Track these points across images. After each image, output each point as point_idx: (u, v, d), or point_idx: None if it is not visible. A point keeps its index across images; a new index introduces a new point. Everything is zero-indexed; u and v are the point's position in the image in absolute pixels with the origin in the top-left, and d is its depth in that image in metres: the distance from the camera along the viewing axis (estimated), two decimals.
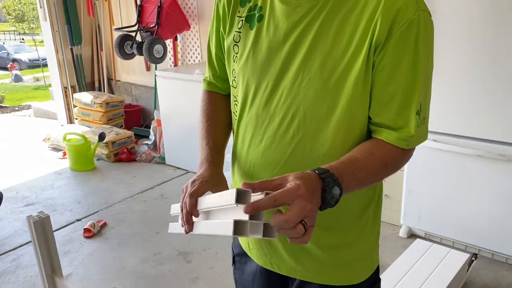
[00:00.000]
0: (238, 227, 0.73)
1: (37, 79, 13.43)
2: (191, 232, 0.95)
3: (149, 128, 4.34)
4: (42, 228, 1.95)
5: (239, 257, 1.16)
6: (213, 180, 0.98)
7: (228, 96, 1.10)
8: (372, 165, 0.82)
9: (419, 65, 0.81)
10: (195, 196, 0.92)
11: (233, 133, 1.05)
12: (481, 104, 2.22)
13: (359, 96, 0.84)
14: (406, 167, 2.55)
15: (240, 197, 0.73)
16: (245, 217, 0.72)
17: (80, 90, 5.06)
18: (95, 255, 2.62)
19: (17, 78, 13.69)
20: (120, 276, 2.40)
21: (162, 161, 4.01)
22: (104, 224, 2.95)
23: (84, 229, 2.83)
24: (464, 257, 2.20)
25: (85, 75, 5.15)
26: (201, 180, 0.97)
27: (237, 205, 0.72)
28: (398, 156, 0.86)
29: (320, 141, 0.87)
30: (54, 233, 2.90)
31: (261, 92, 0.92)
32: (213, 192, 0.93)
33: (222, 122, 1.10)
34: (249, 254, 1.11)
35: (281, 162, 0.91)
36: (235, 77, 0.99)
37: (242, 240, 1.12)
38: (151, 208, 3.20)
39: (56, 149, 4.45)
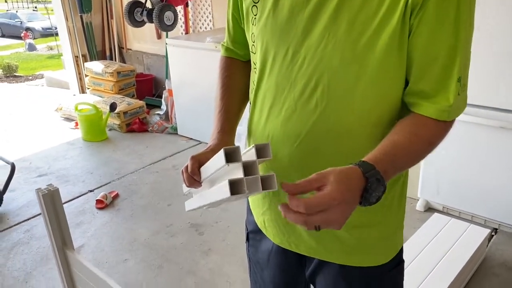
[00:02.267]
0: (235, 187, 0.71)
1: (51, 48, 13.38)
2: (198, 207, 0.91)
3: (161, 98, 4.28)
4: (51, 201, 1.93)
5: (254, 234, 1.11)
6: (219, 149, 0.94)
7: (248, 63, 1.03)
8: (417, 148, 0.76)
9: (461, 26, 0.73)
10: (195, 158, 0.88)
11: (250, 104, 0.98)
12: (504, 73, 2.09)
13: (391, 63, 0.75)
14: None
15: (230, 156, 0.71)
16: (240, 175, 0.69)
17: (92, 59, 4.99)
18: (107, 226, 2.61)
19: (31, 47, 13.66)
20: (132, 248, 2.39)
21: (174, 131, 3.96)
22: (116, 196, 2.94)
23: (97, 200, 2.83)
24: (484, 232, 2.13)
25: (96, 44, 5.07)
26: (206, 149, 0.93)
27: (228, 165, 0.71)
28: (441, 131, 0.78)
29: (345, 112, 0.80)
30: (67, 204, 2.91)
31: (281, 57, 0.84)
32: None
33: (237, 88, 1.04)
34: (264, 232, 1.05)
35: (302, 134, 0.83)
36: (254, 42, 0.91)
37: (257, 217, 1.06)
38: (163, 180, 3.17)
39: (68, 119, 4.43)
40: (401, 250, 0.99)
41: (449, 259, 1.93)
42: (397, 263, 0.98)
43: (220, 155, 0.73)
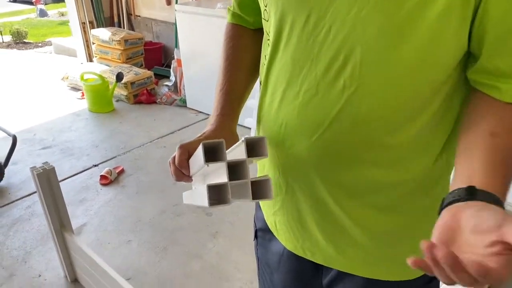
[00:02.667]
0: (217, 194, 0.56)
1: (62, 14, 13.14)
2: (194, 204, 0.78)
3: (171, 68, 4.09)
4: (47, 181, 1.79)
5: (263, 232, 0.96)
6: (218, 135, 0.78)
7: (259, 32, 0.84)
8: None
9: None
10: (183, 148, 0.75)
11: (261, 84, 0.80)
12: None
13: (446, 35, 0.56)
14: None
15: (211, 154, 0.57)
16: (223, 178, 0.56)
17: (99, 26, 4.79)
18: (111, 204, 2.49)
19: (42, 13, 13.42)
20: (136, 228, 2.27)
21: (183, 104, 3.79)
22: (122, 171, 2.81)
23: (101, 176, 2.70)
24: None
25: (103, 10, 4.85)
26: (200, 135, 0.79)
27: (207, 165, 0.57)
28: None
29: (380, 98, 0.62)
30: (70, 179, 2.79)
31: (301, 26, 0.65)
32: None
33: (244, 63, 0.86)
34: (275, 235, 0.90)
35: (324, 124, 0.66)
36: (266, 6, 0.72)
37: (267, 216, 0.90)
38: (170, 155, 3.01)
39: (75, 88, 4.28)
40: None
41: None
42: (431, 278, 0.81)
43: (200, 151, 0.58)
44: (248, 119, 2.92)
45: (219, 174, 0.60)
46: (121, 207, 2.46)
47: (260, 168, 0.89)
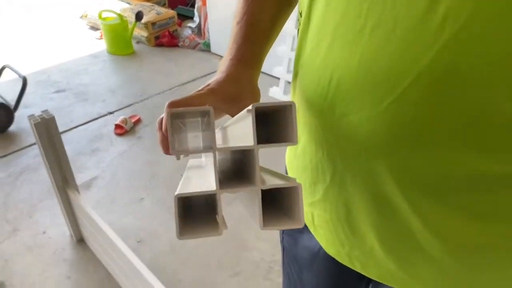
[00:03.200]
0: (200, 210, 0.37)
1: None
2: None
3: (195, 7, 3.75)
4: (46, 131, 1.58)
5: None
6: (228, 89, 0.52)
7: None
8: None
9: None
10: (172, 105, 0.48)
11: (300, 17, 0.53)
12: None
13: None
14: None
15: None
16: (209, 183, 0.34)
17: None
18: (125, 156, 2.30)
19: None
20: (151, 185, 2.08)
21: (207, 48, 3.49)
22: (138, 120, 2.59)
23: (116, 125, 2.49)
24: None
25: None
26: (201, 89, 0.52)
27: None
28: None
29: (504, 39, 0.34)
30: (83, 126, 2.59)
31: None
32: (231, 114, 0.52)
33: None
34: (311, 230, 0.65)
35: (404, 81, 0.39)
36: None
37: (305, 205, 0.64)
38: None
39: (94, 28, 4.02)
40: None
41: None
42: None
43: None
44: (277, 67, 2.59)
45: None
46: (135, 161, 2.26)
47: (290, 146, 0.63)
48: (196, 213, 0.43)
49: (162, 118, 0.51)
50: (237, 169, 0.43)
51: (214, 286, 1.56)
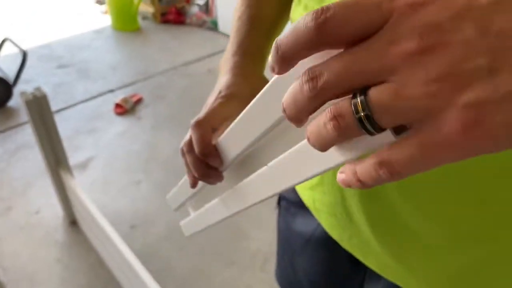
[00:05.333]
0: None
1: None
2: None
3: None
4: (38, 110, 1.51)
5: (287, 203, 0.68)
6: (243, 91, 0.49)
7: None
8: None
9: None
10: (203, 125, 0.45)
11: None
12: None
13: None
14: None
15: None
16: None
17: None
18: (123, 137, 2.23)
19: None
20: (149, 168, 2.02)
21: (214, 26, 3.39)
22: (139, 100, 2.52)
23: (116, 104, 2.43)
24: None
25: None
26: (214, 103, 0.48)
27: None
28: None
29: None
30: (82, 104, 2.53)
31: None
32: None
33: None
34: (315, 215, 0.60)
35: None
36: None
37: (302, 190, 0.59)
38: (195, 86, 2.70)
39: (100, 1, 3.92)
40: None
41: None
42: None
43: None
44: None
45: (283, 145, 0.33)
46: (134, 142, 2.20)
47: None
48: None
49: (188, 141, 0.47)
50: None
51: (207, 275, 1.51)
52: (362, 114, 0.20)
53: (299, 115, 0.23)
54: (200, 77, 2.80)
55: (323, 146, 0.23)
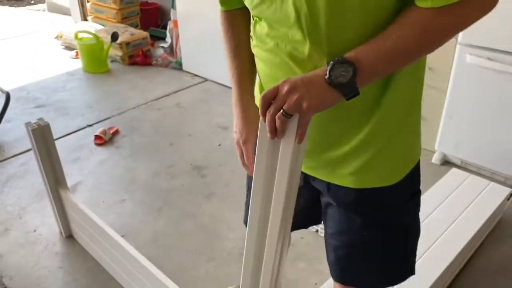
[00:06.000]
0: None
1: None
2: None
3: (167, 29, 4.01)
4: (42, 137, 1.78)
5: None
6: (251, 114, 0.94)
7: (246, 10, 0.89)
8: (405, 32, 0.67)
9: None
10: (249, 140, 0.95)
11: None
12: None
13: None
14: (449, 89, 2.24)
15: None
16: None
17: None
18: (105, 164, 2.50)
19: None
20: (131, 188, 2.29)
21: (179, 66, 3.75)
22: (116, 132, 2.80)
23: (95, 136, 2.69)
24: (504, 191, 1.99)
25: None
26: (239, 125, 0.96)
27: None
28: (440, 18, 0.65)
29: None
30: (64, 138, 2.78)
31: None
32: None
33: (244, 45, 0.95)
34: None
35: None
36: None
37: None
38: (166, 117, 3.02)
39: (69, 47, 4.20)
40: (417, 178, 0.93)
41: (466, 217, 1.81)
42: (413, 193, 0.92)
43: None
44: None
45: None
46: (115, 167, 2.46)
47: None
48: None
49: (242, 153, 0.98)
50: None
51: (192, 269, 1.78)
52: (284, 113, 0.66)
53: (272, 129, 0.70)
54: (169, 110, 3.12)
55: (280, 130, 0.69)
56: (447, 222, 1.78)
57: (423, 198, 1.93)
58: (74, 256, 1.85)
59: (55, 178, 1.82)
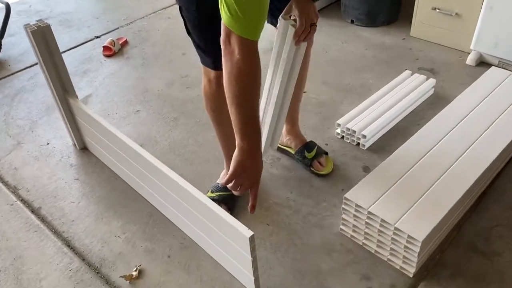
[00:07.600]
0: None
1: None
2: None
3: None
4: (43, 39, 1.63)
5: None
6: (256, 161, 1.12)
7: None
8: None
9: None
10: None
11: None
12: None
13: None
14: None
15: None
16: None
17: None
18: (116, 75, 2.36)
19: None
20: (145, 99, 2.17)
21: None
22: (125, 42, 2.63)
23: (104, 47, 2.53)
24: None
25: None
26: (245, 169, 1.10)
27: None
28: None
29: None
30: (71, 51, 2.63)
31: None
32: None
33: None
34: None
35: None
36: None
37: None
38: (176, 26, 2.81)
39: None
40: None
41: (507, 118, 1.66)
42: None
43: None
44: None
45: None
46: (127, 78, 2.33)
47: None
48: None
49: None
50: None
51: (211, 176, 1.70)
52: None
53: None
54: (180, 18, 2.87)
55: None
56: (485, 123, 1.63)
57: (461, 97, 1.78)
58: (90, 167, 1.79)
59: (62, 86, 1.70)
